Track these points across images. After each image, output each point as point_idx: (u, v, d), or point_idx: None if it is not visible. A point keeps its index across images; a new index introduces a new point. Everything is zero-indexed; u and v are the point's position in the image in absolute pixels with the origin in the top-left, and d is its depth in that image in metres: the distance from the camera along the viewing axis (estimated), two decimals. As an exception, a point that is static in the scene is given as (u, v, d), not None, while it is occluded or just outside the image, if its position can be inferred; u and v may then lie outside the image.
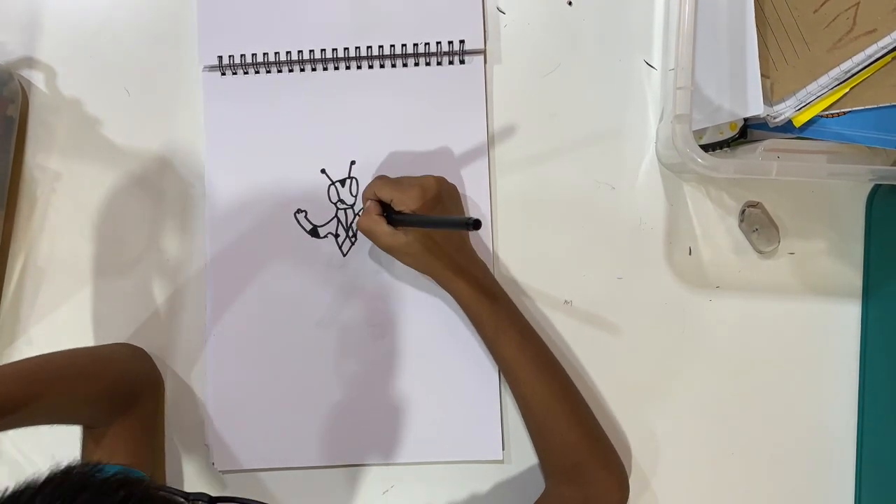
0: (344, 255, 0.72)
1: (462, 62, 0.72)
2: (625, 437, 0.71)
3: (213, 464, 0.71)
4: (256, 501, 0.49)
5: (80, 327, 0.72)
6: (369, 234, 0.65)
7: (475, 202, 0.72)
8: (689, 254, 0.72)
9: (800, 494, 0.71)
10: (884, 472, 0.67)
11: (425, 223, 0.62)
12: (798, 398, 0.71)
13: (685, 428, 0.71)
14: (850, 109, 0.64)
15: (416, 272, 0.67)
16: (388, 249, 0.65)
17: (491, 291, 0.66)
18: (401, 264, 0.67)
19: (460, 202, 0.69)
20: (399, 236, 0.63)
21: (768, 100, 0.65)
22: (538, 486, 0.67)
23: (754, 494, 0.71)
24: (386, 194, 0.64)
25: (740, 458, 0.71)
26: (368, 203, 0.66)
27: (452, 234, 0.66)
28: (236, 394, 0.71)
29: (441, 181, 0.65)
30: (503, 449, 0.70)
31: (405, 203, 0.63)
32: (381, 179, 0.66)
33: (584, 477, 0.64)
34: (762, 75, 0.64)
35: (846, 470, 0.70)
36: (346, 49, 0.71)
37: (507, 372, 0.66)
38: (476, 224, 0.54)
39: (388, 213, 0.65)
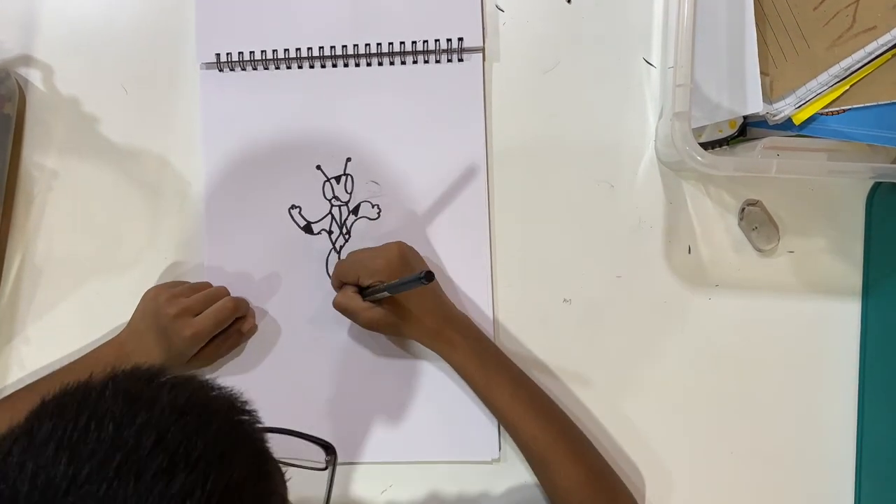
0: (338, 252, 0.71)
1: (461, 60, 0.72)
2: (622, 436, 0.70)
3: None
4: (295, 431, 0.51)
5: (77, 326, 0.72)
6: (346, 312, 0.66)
7: (473, 202, 0.71)
8: (689, 252, 0.72)
9: (800, 494, 0.70)
10: (884, 471, 0.67)
11: (385, 290, 0.62)
12: (798, 396, 0.70)
13: (684, 427, 0.71)
14: (849, 107, 0.64)
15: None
16: (369, 325, 0.65)
17: (476, 344, 0.66)
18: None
19: (423, 260, 0.68)
20: (376, 310, 0.64)
21: (768, 97, 0.65)
22: (534, 486, 0.67)
23: (753, 494, 0.70)
24: (351, 276, 0.65)
25: (739, 457, 0.70)
26: (340, 286, 0.67)
27: (426, 295, 0.65)
28: (233, 392, 0.71)
29: (403, 246, 0.65)
30: (499, 449, 0.70)
31: (372, 276, 0.63)
32: (339, 264, 0.67)
33: None
34: (761, 73, 0.64)
35: (846, 469, 0.70)
36: (343, 47, 0.71)
37: (504, 421, 0.66)
38: (428, 276, 0.54)
39: (360, 290, 0.65)
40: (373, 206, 0.72)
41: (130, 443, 0.36)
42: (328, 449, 0.51)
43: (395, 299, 0.63)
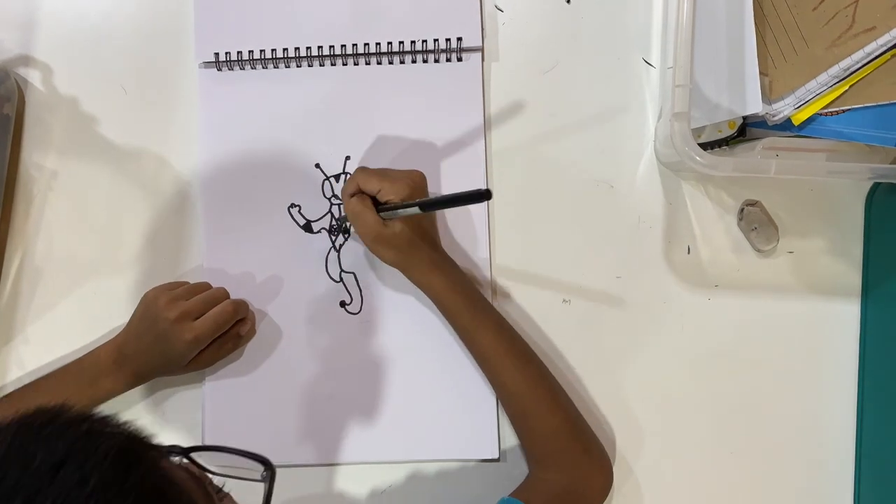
0: (337, 251, 0.71)
1: (459, 59, 0.72)
2: (624, 435, 0.70)
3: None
4: (231, 448, 0.49)
5: (76, 326, 0.72)
6: (356, 219, 0.64)
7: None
8: (688, 253, 0.72)
9: (799, 494, 0.70)
10: (883, 471, 0.67)
11: (430, 204, 0.61)
12: (797, 397, 0.70)
13: (684, 427, 0.71)
14: (849, 107, 0.64)
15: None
16: (375, 240, 0.64)
17: (465, 284, 0.67)
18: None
19: None
20: (389, 229, 0.63)
21: (767, 98, 0.65)
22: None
23: (754, 494, 0.70)
24: (373, 185, 0.63)
25: (739, 458, 0.70)
26: (357, 191, 0.65)
27: (428, 231, 0.66)
28: (232, 391, 0.71)
29: (423, 176, 0.66)
30: (499, 448, 0.70)
31: (395, 193, 0.62)
32: (364, 171, 0.65)
33: (567, 462, 0.65)
34: (761, 73, 0.64)
35: (845, 469, 0.70)
36: (343, 46, 0.71)
37: (485, 362, 0.67)
38: (487, 193, 0.54)
39: (375, 204, 0.64)
40: (372, 206, 0.72)
41: None
42: (265, 464, 0.49)
43: (409, 223, 0.63)
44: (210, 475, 0.46)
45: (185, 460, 0.45)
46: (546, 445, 0.65)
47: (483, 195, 0.54)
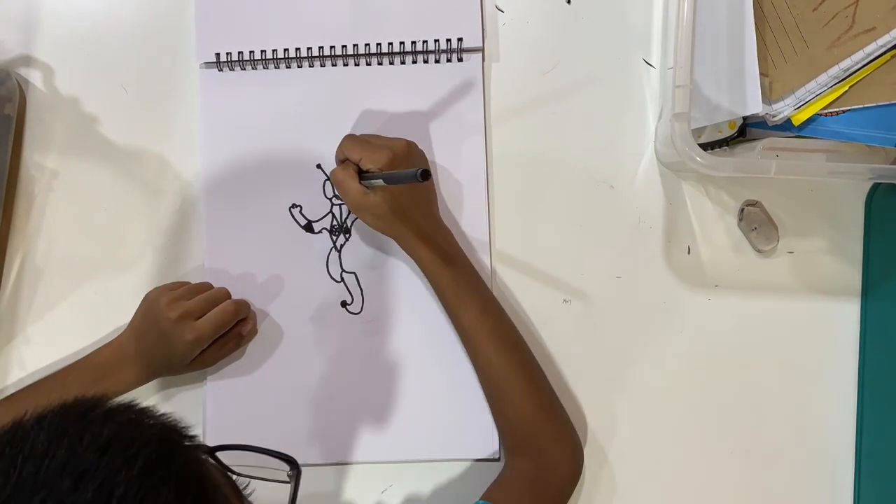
0: (338, 251, 0.72)
1: (460, 60, 0.72)
2: (624, 435, 0.71)
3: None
4: (258, 448, 0.50)
5: (77, 326, 0.72)
6: (340, 186, 0.65)
7: (473, 200, 0.71)
8: (688, 253, 0.72)
9: (799, 494, 0.70)
10: (883, 471, 0.67)
11: (380, 178, 0.61)
12: (797, 397, 0.71)
13: (685, 427, 0.71)
14: (849, 108, 0.64)
15: (383, 236, 0.67)
16: (357, 207, 0.65)
17: (455, 258, 0.67)
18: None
19: (427, 162, 0.69)
20: (370, 196, 0.63)
21: (767, 98, 0.65)
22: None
23: (754, 494, 0.70)
24: (355, 154, 0.64)
25: (739, 458, 0.70)
26: (344, 159, 0.66)
27: (420, 198, 0.66)
28: (233, 391, 0.71)
29: (412, 145, 0.66)
30: (500, 447, 0.70)
31: (374, 162, 0.63)
32: (349, 139, 0.66)
33: (537, 449, 0.64)
34: (761, 74, 0.64)
35: (845, 469, 0.70)
36: (343, 46, 0.71)
37: (466, 340, 0.67)
38: (424, 174, 0.54)
39: (359, 172, 0.65)
40: (373, 206, 0.72)
41: (49, 483, 0.35)
42: (291, 463, 0.50)
43: (392, 191, 0.63)
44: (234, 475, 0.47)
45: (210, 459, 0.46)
46: (518, 431, 0.65)
47: (421, 174, 0.54)
